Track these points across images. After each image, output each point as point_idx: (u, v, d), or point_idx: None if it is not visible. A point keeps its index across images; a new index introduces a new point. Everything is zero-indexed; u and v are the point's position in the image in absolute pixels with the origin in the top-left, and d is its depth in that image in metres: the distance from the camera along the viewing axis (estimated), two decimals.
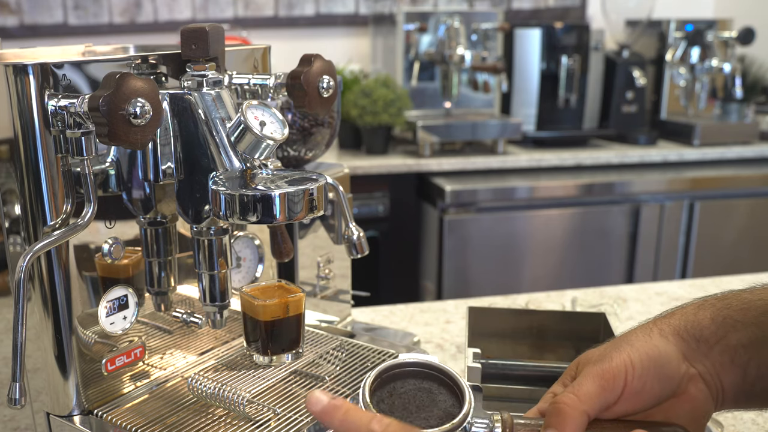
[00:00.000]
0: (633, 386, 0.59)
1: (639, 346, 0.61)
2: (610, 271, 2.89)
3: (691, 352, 0.62)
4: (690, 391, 0.61)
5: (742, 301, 0.63)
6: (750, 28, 2.98)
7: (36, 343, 0.77)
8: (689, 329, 0.63)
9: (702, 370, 0.62)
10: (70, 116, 0.70)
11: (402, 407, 0.60)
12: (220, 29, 0.77)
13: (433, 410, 0.60)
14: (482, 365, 0.86)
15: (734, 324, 0.62)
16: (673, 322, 0.64)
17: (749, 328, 0.61)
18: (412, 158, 2.79)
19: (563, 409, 0.58)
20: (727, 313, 0.62)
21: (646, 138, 3.07)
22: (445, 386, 0.62)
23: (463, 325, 1.30)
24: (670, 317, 0.64)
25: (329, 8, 3.34)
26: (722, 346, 0.61)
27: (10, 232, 0.76)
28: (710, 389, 0.62)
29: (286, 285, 0.88)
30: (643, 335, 0.63)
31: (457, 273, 2.74)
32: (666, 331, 0.63)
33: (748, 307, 0.62)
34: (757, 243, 3.00)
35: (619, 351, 0.61)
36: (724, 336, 0.61)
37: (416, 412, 0.60)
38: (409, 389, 0.62)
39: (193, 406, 0.82)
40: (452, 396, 0.61)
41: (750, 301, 0.63)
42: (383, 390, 0.62)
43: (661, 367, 0.60)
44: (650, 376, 0.60)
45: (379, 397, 0.61)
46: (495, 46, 2.97)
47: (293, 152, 1.13)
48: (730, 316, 0.62)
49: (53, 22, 3.11)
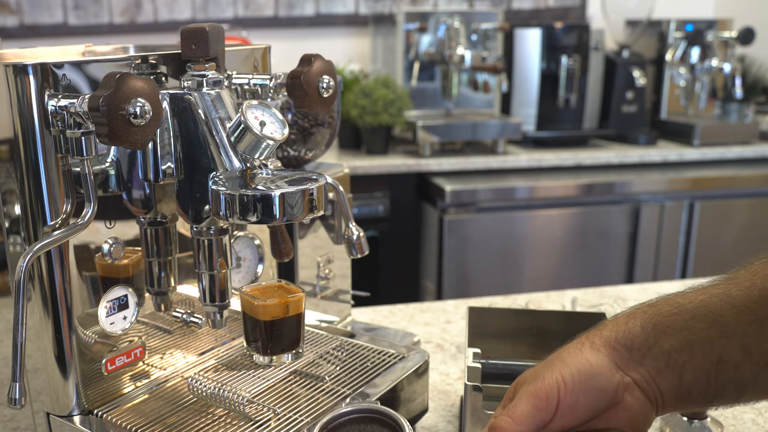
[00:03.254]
0: (566, 402, 0.61)
1: (570, 361, 0.62)
2: (610, 271, 2.89)
3: (624, 361, 0.63)
4: (627, 400, 0.62)
5: (673, 305, 0.64)
6: (750, 28, 2.98)
7: (36, 343, 0.77)
8: (620, 339, 0.63)
9: (637, 377, 0.62)
10: (70, 116, 0.70)
11: None
12: (220, 29, 0.77)
13: None
14: (482, 365, 0.86)
15: (665, 329, 0.62)
16: (605, 334, 0.64)
17: (680, 332, 0.62)
18: (412, 158, 2.79)
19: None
20: (657, 320, 0.63)
21: (646, 138, 3.07)
22: (388, 428, 0.65)
23: (463, 325, 1.30)
24: (602, 329, 0.65)
25: (329, 8, 3.34)
26: (655, 353, 0.62)
27: (10, 232, 0.76)
28: (647, 396, 0.63)
29: (286, 285, 0.88)
30: (575, 351, 0.64)
31: (457, 273, 2.74)
32: (597, 343, 0.64)
33: (678, 312, 0.63)
34: (757, 243, 3.00)
35: (551, 369, 0.62)
36: (656, 342, 0.62)
37: None
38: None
39: (193, 406, 0.82)
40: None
41: (680, 305, 0.63)
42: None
43: (592, 379, 0.61)
44: (583, 390, 0.61)
45: None
46: (495, 46, 2.97)
47: (293, 152, 1.13)
48: (661, 322, 0.63)
49: (53, 22, 3.11)
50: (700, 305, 0.62)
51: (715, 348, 0.61)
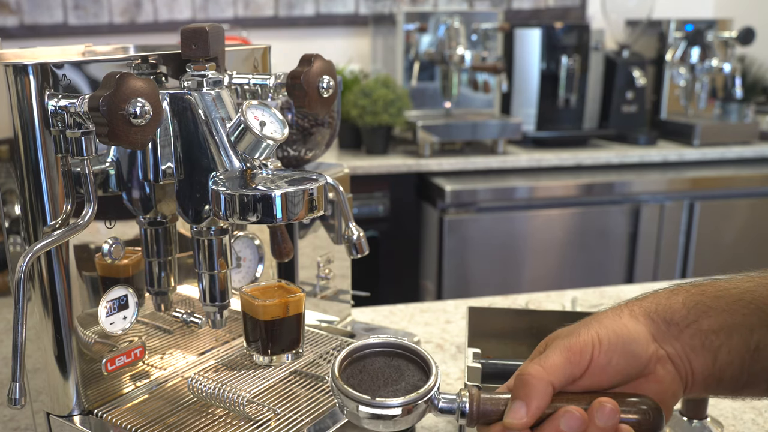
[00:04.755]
0: (599, 361, 0.60)
1: (607, 323, 0.62)
2: (610, 271, 2.89)
3: (661, 333, 0.62)
4: (658, 371, 0.62)
5: (717, 288, 0.64)
6: (750, 28, 2.98)
7: (36, 343, 0.77)
8: (660, 312, 0.63)
9: (671, 352, 0.62)
10: (70, 116, 0.70)
11: (370, 381, 0.62)
12: (220, 29, 0.77)
13: (400, 384, 0.61)
14: (482, 365, 0.86)
15: (706, 310, 0.62)
16: (645, 305, 0.64)
17: (721, 314, 0.62)
18: (412, 158, 2.79)
19: (528, 380, 0.59)
20: (700, 299, 0.63)
21: (646, 138, 3.07)
22: (414, 363, 0.64)
23: (463, 325, 1.30)
24: (643, 300, 0.65)
25: (329, 8, 3.34)
26: (693, 330, 0.62)
27: (10, 232, 0.76)
28: (679, 372, 0.62)
29: (286, 285, 0.88)
30: (613, 315, 0.63)
31: (457, 273, 2.74)
32: (636, 312, 0.64)
33: (722, 295, 0.63)
34: (757, 243, 3.00)
35: (587, 327, 0.62)
36: (696, 320, 0.62)
37: (384, 386, 0.61)
38: (378, 366, 0.63)
39: (193, 406, 0.82)
40: (420, 372, 0.63)
41: (725, 289, 0.63)
42: (353, 367, 0.63)
43: (628, 344, 0.61)
44: (617, 352, 0.60)
45: (349, 374, 0.62)
46: (495, 46, 2.97)
47: (293, 152, 1.13)
48: (703, 302, 0.63)
49: (53, 22, 3.11)
50: (745, 291, 0.63)
51: (754, 335, 0.61)
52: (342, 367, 0.62)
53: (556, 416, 0.57)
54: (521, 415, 0.58)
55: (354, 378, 0.62)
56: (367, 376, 0.62)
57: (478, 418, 0.60)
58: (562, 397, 0.59)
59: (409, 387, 0.61)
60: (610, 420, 0.57)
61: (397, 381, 0.62)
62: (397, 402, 0.59)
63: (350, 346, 0.64)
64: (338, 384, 0.60)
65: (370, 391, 0.60)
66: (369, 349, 0.64)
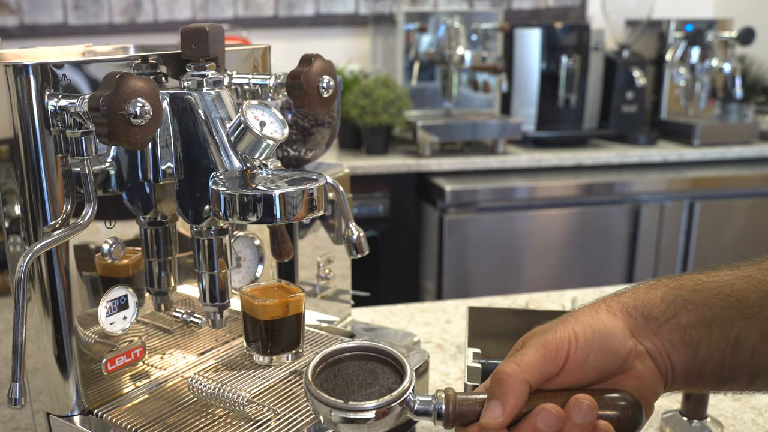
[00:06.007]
0: (576, 358, 0.60)
1: (584, 319, 0.61)
2: (610, 271, 2.89)
3: (639, 329, 0.62)
4: (637, 367, 0.61)
5: (696, 282, 0.63)
6: (750, 28, 2.98)
7: (36, 343, 0.77)
8: (638, 307, 0.63)
9: (650, 347, 0.62)
10: (70, 116, 0.70)
11: (344, 386, 0.61)
12: (220, 29, 0.77)
13: (374, 387, 0.61)
14: (482, 365, 0.86)
15: (685, 304, 0.62)
16: (623, 300, 0.64)
17: (700, 308, 0.61)
18: (412, 158, 2.79)
19: (504, 379, 0.58)
20: (678, 293, 0.62)
21: (646, 138, 3.07)
22: (389, 366, 0.63)
23: (463, 325, 1.30)
24: (621, 295, 0.65)
25: (329, 8, 3.34)
26: (672, 325, 0.61)
27: (10, 232, 0.76)
28: (659, 367, 0.62)
29: (286, 285, 0.88)
30: (591, 311, 0.63)
31: (457, 273, 2.74)
32: (614, 307, 0.63)
33: (700, 288, 0.62)
34: (757, 243, 3.00)
35: (564, 324, 0.61)
36: (675, 315, 0.62)
37: (358, 390, 0.61)
38: (353, 370, 0.63)
39: (193, 406, 0.82)
40: (396, 375, 0.62)
41: (703, 283, 0.63)
42: (327, 372, 0.63)
43: (605, 340, 0.60)
44: (594, 348, 0.60)
45: (323, 378, 0.62)
46: (495, 46, 2.97)
47: (293, 152, 1.13)
48: (682, 296, 0.62)
49: (53, 22, 3.11)
50: (724, 285, 0.62)
51: (734, 328, 0.60)
52: (316, 372, 0.62)
53: (533, 414, 0.57)
54: (497, 415, 0.57)
55: (328, 383, 0.61)
56: (341, 380, 0.62)
57: (455, 419, 0.59)
58: (540, 396, 0.59)
59: (384, 390, 0.60)
60: (587, 416, 0.56)
61: (371, 384, 0.61)
62: (371, 405, 0.58)
63: (324, 351, 0.63)
64: (311, 389, 0.59)
65: (344, 395, 0.60)
66: (343, 353, 0.64)
